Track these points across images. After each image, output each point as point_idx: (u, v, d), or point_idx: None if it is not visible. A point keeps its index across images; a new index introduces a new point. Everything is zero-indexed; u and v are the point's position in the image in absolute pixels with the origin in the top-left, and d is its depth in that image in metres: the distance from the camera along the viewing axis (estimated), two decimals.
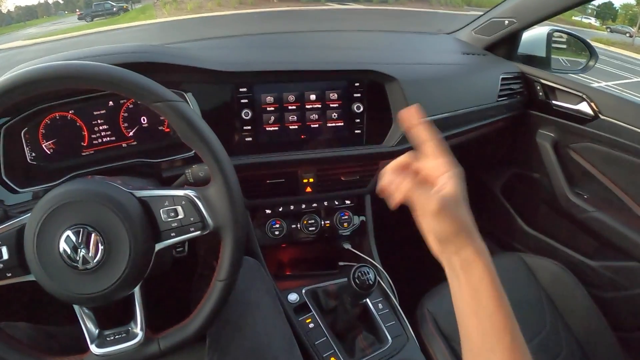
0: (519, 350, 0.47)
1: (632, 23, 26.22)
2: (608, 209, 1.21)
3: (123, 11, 23.18)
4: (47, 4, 32.29)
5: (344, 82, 0.96)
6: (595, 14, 29.58)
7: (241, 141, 0.93)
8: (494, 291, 0.48)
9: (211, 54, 0.94)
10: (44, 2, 32.07)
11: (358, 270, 0.81)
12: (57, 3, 31.85)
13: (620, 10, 30.37)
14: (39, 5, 32.38)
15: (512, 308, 0.46)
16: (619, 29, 24.42)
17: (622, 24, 26.73)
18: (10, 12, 30.91)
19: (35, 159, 0.83)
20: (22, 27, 26.37)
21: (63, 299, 0.57)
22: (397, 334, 0.92)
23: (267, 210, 1.04)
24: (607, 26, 26.79)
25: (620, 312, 1.18)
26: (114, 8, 23.02)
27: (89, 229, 0.55)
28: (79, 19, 22.85)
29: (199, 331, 0.61)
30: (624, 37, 21.36)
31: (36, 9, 31.88)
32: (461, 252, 0.49)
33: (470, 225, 0.49)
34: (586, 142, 1.24)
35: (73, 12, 27.62)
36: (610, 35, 22.41)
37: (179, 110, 0.57)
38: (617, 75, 10.34)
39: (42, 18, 28.72)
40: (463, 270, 0.49)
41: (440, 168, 0.49)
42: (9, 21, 28.54)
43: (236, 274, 0.61)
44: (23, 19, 28.67)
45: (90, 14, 22.46)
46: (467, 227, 0.49)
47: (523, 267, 1.14)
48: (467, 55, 1.31)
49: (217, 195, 0.59)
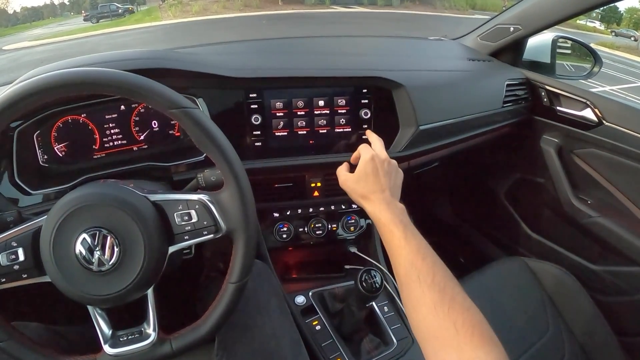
0: (438, 289, 0.57)
1: (637, 27, 26.11)
2: (611, 215, 1.22)
3: (128, 13, 23.29)
4: (52, 5, 32.39)
5: (351, 88, 0.97)
6: (600, 17, 29.44)
7: (251, 146, 0.94)
8: (391, 236, 0.67)
9: (221, 59, 0.96)
10: (49, 3, 32.16)
11: (365, 274, 0.82)
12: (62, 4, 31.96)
13: (625, 14, 30.21)
14: (44, 6, 32.48)
15: (515, 312, 0.51)
16: (624, 32, 24.30)
17: (626, 28, 26.60)
18: (16, 13, 31.06)
19: (47, 161, 0.84)
20: (28, 27, 26.51)
21: (78, 300, 0.58)
22: (402, 337, 0.93)
23: (275, 213, 1.06)
24: (612, 30, 26.66)
25: (623, 317, 1.19)
26: (120, 10, 23.13)
27: (105, 232, 0.56)
28: (85, 20, 22.97)
29: (211, 332, 0.62)
30: (628, 41, 21.23)
31: (42, 10, 32.01)
32: (366, 208, 0.75)
33: (367, 194, 0.75)
34: (590, 148, 1.24)
35: (79, 13, 27.79)
36: (615, 39, 22.31)
37: (194, 117, 0.58)
38: (622, 79, 10.29)
39: (47, 19, 28.87)
40: (372, 219, 0.73)
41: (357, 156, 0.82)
42: (15, 22, 28.69)
43: (247, 277, 0.62)
44: (29, 20, 28.82)
45: (95, 15, 22.56)
46: (364, 195, 0.76)
47: (527, 271, 1.14)
48: (472, 62, 1.32)
49: (230, 199, 0.60)
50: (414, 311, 0.59)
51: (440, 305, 0.55)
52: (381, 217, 0.70)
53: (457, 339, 0.52)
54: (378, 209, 0.71)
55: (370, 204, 0.74)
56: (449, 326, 0.53)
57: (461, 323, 0.52)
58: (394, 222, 0.67)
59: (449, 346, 0.52)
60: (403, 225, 0.66)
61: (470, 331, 0.52)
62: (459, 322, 0.53)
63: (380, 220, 0.70)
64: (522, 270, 1.15)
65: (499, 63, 1.38)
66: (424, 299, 0.57)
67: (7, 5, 30.07)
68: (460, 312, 0.54)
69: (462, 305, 0.55)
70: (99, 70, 0.56)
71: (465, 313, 0.54)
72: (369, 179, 0.76)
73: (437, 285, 0.57)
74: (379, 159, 0.78)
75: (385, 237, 0.69)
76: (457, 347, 0.51)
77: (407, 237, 0.65)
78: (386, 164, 0.78)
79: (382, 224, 0.69)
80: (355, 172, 0.79)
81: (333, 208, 1.08)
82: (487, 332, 0.53)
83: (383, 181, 0.75)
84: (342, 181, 0.83)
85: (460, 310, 0.54)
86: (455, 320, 0.53)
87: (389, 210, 0.70)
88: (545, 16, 1.22)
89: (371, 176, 0.76)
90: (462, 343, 0.51)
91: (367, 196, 0.75)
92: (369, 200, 0.74)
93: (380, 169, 0.76)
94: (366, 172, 0.77)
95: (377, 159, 0.77)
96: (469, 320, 0.53)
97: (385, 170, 0.77)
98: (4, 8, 29.69)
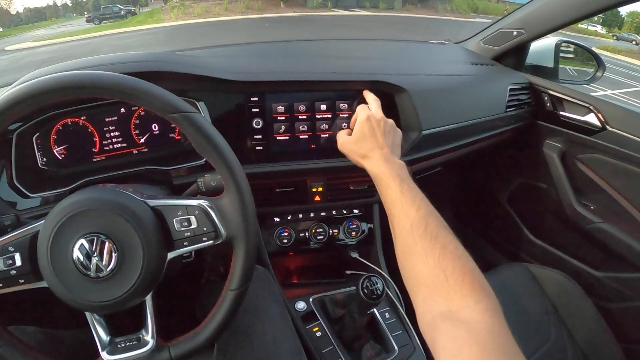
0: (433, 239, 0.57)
1: (638, 31, 26.19)
2: (614, 220, 1.21)
3: (131, 14, 23.40)
4: (55, 6, 32.56)
5: (354, 92, 0.97)
6: (602, 21, 29.51)
7: (252, 150, 0.94)
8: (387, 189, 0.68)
9: (222, 63, 0.95)
10: (52, 4, 32.33)
11: (366, 280, 0.81)
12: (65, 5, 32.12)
13: (627, 18, 30.30)
14: (47, 7, 32.65)
15: (517, 318, 0.51)
16: (625, 36, 24.36)
17: (628, 32, 26.67)
18: (19, 14, 31.22)
19: (46, 164, 0.83)
20: (30, 28, 26.64)
21: (75, 306, 0.57)
22: (403, 344, 0.92)
23: (275, 218, 1.05)
24: (614, 34, 26.72)
25: (625, 324, 1.18)
26: (122, 11, 23.24)
27: (103, 238, 0.55)
28: (87, 21, 23.10)
29: (210, 340, 0.61)
30: (630, 45, 21.28)
31: (45, 11, 32.17)
32: (366, 167, 0.76)
33: (366, 152, 0.76)
34: (593, 153, 1.24)
35: (81, 14, 27.91)
36: (616, 43, 22.37)
37: (194, 122, 0.57)
38: (624, 83, 10.31)
39: (50, 20, 29.02)
40: (371, 176, 0.74)
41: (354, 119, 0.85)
42: (17, 22, 28.83)
43: (248, 284, 0.61)
44: (32, 21, 28.98)
45: (98, 16, 22.68)
46: (362, 154, 0.77)
47: (529, 277, 1.14)
48: (475, 66, 1.31)
49: (231, 206, 0.60)
50: (405, 260, 0.59)
51: (431, 252, 0.55)
52: (379, 173, 0.71)
53: (446, 286, 0.52)
54: (377, 164, 0.73)
55: (369, 161, 0.75)
56: (439, 274, 0.53)
57: (451, 271, 0.52)
58: (391, 177, 0.68)
59: (438, 294, 0.52)
60: (400, 179, 0.68)
61: (460, 278, 0.52)
62: (449, 269, 0.53)
63: (379, 176, 0.71)
64: (524, 277, 1.14)
65: (502, 67, 1.37)
66: (415, 247, 0.57)
67: (10, 6, 30.21)
68: (451, 260, 0.54)
69: (454, 253, 0.55)
70: (98, 74, 0.55)
71: (456, 261, 0.54)
72: (367, 138, 0.77)
73: (429, 234, 0.57)
74: (375, 119, 0.79)
75: (382, 191, 0.70)
76: (446, 295, 0.51)
77: (402, 189, 0.66)
78: (382, 122, 0.79)
79: (380, 179, 0.71)
80: (352, 134, 0.81)
81: (334, 213, 1.07)
82: (479, 281, 0.52)
83: (381, 139, 0.76)
84: (340, 144, 0.84)
85: (451, 258, 0.54)
86: (446, 268, 0.53)
87: (387, 166, 0.71)
88: (548, 20, 1.22)
89: (369, 135, 0.77)
90: (452, 291, 0.51)
91: (366, 154, 0.76)
92: (368, 158, 0.76)
93: (377, 128, 0.78)
94: (363, 132, 0.78)
95: (374, 119, 0.79)
96: (459, 268, 0.53)
97: (383, 129, 0.78)
98: (7, 9, 29.83)
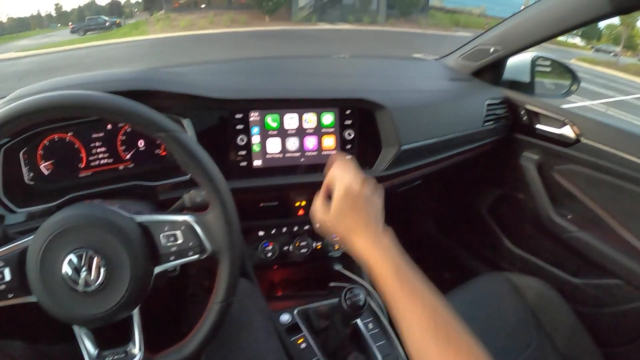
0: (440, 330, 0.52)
1: (616, 42, 26.83)
2: (590, 229, 1.24)
3: (116, 26, 23.21)
4: (39, 16, 32.19)
5: (336, 110, 0.99)
6: (581, 33, 30.22)
7: (236, 165, 0.95)
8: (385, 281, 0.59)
9: (207, 80, 0.97)
10: (36, 14, 31.95)
11: (349, 292, 0.83)
12: (49, 15, 31.79)
13: (605, 30, 31.09)
14: (31, 17, 32.28)
15: (498, 326, 0.49)
16: (604, 48, 24.96)
17: (606, 44, 27.34)
18: (2, 24, 30.79)
19: (33, 179, 0.83)
20: (14, 38, 26.26)
21: (64, 320, 0.58)
22: (387, 353, 0.93)
23: (260, 232, 1.06)
24: (592, 46, 27.36)
25: (603, 328, 1.20)
26: (107, 23, 23.05)
27: (91, 253, 0.56)
28: (72, 32, 22.84)
29: (196, 352, 0.62)
30: (608, 57, 21.80)
31: (29, 21, 31.79)
32: (352, 249, 0.66)
33: (349, 234, 0.66)
34: (569, 165, 1.27)
35: (66, 25, 27.62)
36: (595, 54, 22.90)
37: (180, 141, 0.59)
38: (602, 94, 10.54)
39: (34, 30, 28.64)
40: (360, 260, 0.64)
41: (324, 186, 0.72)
42: (1, 32, 28.40)
43: (233, 296, 0.63)
44: (15, 30, 28.56)
45: (82, 27, 22.45)
46: (345, 235, 0.67)
47: (509, 286, 1.16)
48: (454, 82, 1.35)
49: (216, 221, 0.61)
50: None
51: (446, 355, 0.50)
52: (370, 259, 0.62)
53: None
54: (364, 246, 0.64)
55: (355, 244, 0.66)
56: None
57: None
58: (385, 266, 0.60)
59: None
60: (395, 266, 0.60)
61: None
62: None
63: (370, 263, 0.63)
64: (504, 285, 1.16)
65: (480, 83, 1.41)
66: (429, 354, 0.52)
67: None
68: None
69: (469, 355, 0.51)
70: (86, 94, 0.57)
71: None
72: (348, 215, 0.67)
73: (441, 335, 0.52)
74: (353, 194, 0.67)
75: (376, 279, 0.61)
76: None
77: (402, 282, 0.58)
78: (362, 195, 0.67)
79: (372, 267, 0.62)
80: (331, 212, 0.69)
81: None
82: None
83: (364, 214, 0.66)
84: (320, 220, 0.72)
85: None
86: None
87: (377, 248, 0.63)
88: (524, 38, 1.26)
89: (349, 213, 0.67)
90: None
91: (349, 236, 0.67)
92: (352, 240, 0.66)
93: (358, 204, 0.67)
94: (343, 210, 0.67)
95: (351, 195, 0.67)
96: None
97: (364, 202, 0.68)
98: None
